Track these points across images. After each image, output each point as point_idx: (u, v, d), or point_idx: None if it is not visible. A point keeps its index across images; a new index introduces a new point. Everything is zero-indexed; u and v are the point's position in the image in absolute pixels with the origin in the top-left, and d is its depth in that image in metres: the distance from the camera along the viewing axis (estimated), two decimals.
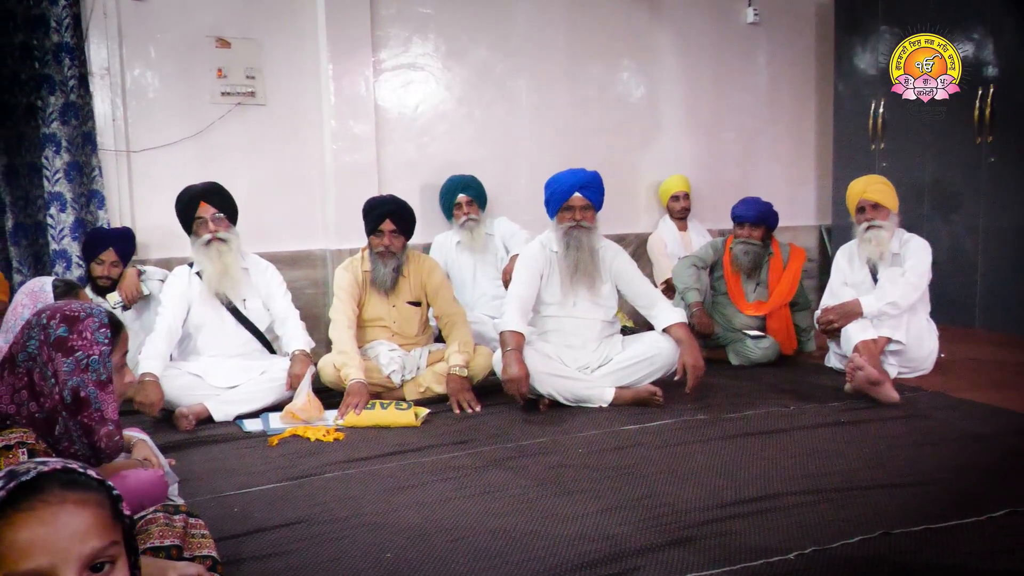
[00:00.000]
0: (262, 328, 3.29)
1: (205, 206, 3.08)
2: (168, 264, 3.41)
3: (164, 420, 2.95)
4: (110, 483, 0.90)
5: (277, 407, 3.05)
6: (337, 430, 2.86)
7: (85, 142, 3.59)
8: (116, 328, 1.50)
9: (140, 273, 3.45)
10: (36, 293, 2.26)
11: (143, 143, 3.74)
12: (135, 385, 2.95)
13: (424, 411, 3.02)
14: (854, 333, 3.22)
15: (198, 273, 3.16)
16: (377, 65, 4.17)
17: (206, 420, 2.99)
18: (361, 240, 3.39)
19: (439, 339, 3.48)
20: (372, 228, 3.26)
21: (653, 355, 3.11)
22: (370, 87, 4.12)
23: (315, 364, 3.18)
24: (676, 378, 3.05)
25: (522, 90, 4.56)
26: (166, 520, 1.75)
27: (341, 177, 4.04)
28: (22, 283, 3.45)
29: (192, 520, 1.83)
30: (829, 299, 3.54)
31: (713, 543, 1.75)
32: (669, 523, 1.88)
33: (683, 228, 4.76)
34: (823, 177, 5.31)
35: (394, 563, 1.77)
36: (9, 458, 1.31)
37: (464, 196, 4.02)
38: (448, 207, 4.08)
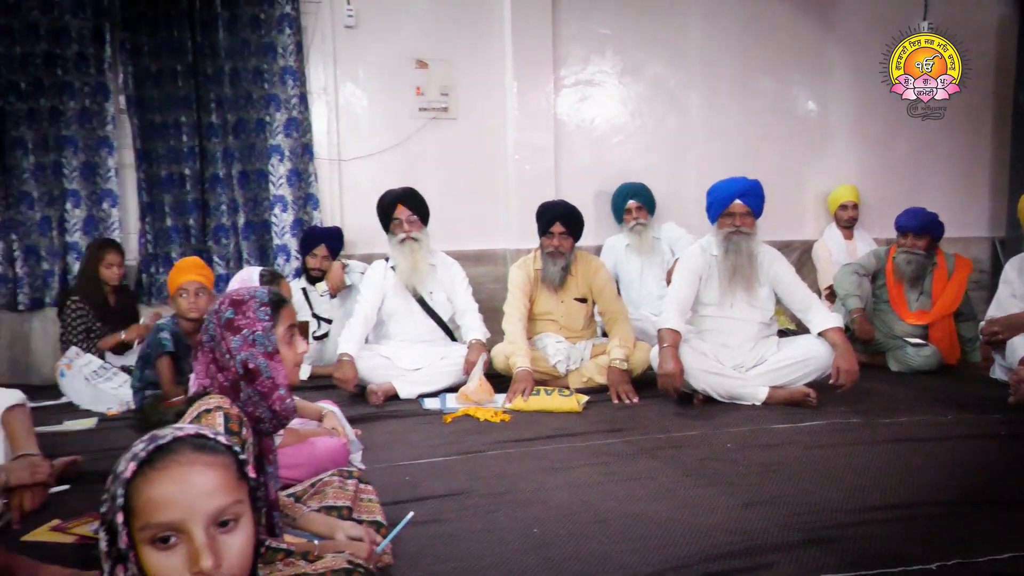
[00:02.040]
0: (445, 318, 3.66)
1: (402, 208, 3.49)
2: (369, 259, 3.88)
3: (358, 395, 3.36)
4: (236, 447, 0.97)
5: (453, 389, 3.37)
6: (504, 412, 3.09)
7: (304, 152, 4.19)
8: (277, 305, 1.64)
9: (344, 267, 3.97)
10: (245, 281, 2.61)
11: (352, 152, 4.29)
12: (335, 364, 3.45)
13: (585, 398, 3.21)
14: (1020, 345, 3.15)
15: (393, 267, 3.58)
16: (558, 82, 4.46)
17: (393, 397, 3.36)
18: (536, 241, 3.64)
19: (603, 334, 3.66)
20: (543, 230, 3.51)
21: (808, 357, 3.13)
22: (550, 102, 4.41)
23: (488, 352, 3.46)
24: (831, 382, 3.03)
25: (693, 103, 4.71)
26: (340, 484, 1.94)
27: (522, 183, 4.36)
28: None
29: (363, 486, 1.99)
30: (995, 311, 3.45)
31: (851, 546, 1.74)
32: (808, 522, 1.89)
33: (849, 236, 4.75)
34: (998, 189, 5.10)
35: (540, 537, 1.88)
36: (208, 418, 1.49)
37: (634, 202, 4.18)
38: (619, 212, 4.26)
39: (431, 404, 3.29)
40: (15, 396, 2.16)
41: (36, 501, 1.99)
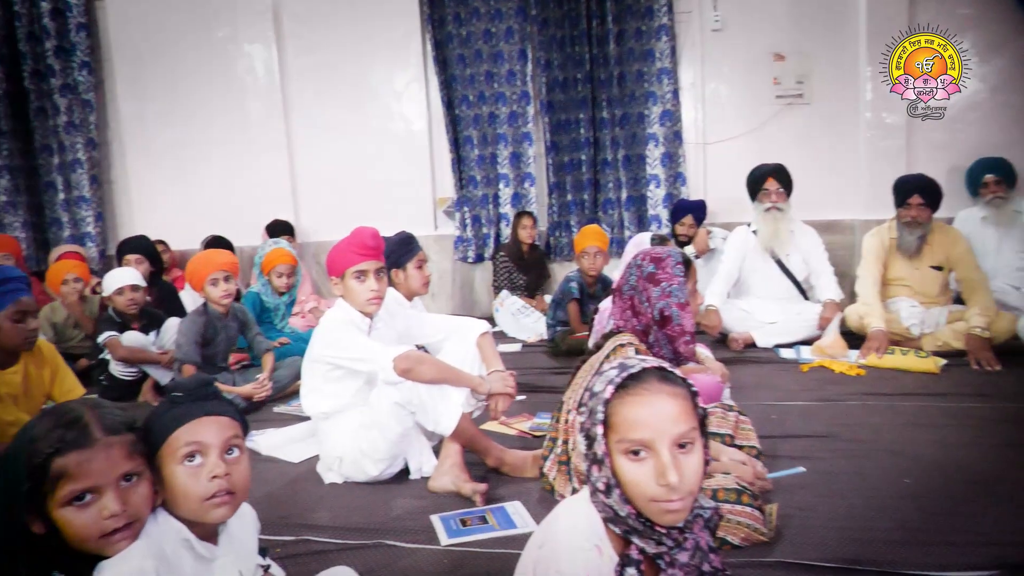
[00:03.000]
0: (799, 279, 4.24)
1: (772, 181, 4.11)
2: (730, 227, 4.59)
3: (720, 341, 4.06)
4: (691, 382, 1.07)
5: (807, 342, 3.91)
6: (859, 367, 3.40)
7: (675, 138, 5.04)
8: (687, 264, 1.89)
9: (708, 233, 4.75)
10: (639, 243, 3.28)
11: (715, 137, 5.04)
12: (701, 312, 4.23)
13: (943, 361, 3.37)
14: None
15: (754, 232, 4.25)
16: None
17: (751, 345, 4.00)
18: (886, 212, 4.02)
19: (957, 301, 3.94)
20: (900, 201, 3.84)
21: None
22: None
23: (842, 311, 3.96)
24: None
25: None
26: (722, 414, 2.17)
27: (872, 160, 4.74)
28: (629, 238, 5.08)
29: (742, 417, 2.20)
30: None
31: None
32: None
33: None
34: None
35: (911, 488, 1.95)
36: (621, 352, 1.73)
37: (992, 176, 4.29)
38: (975, 186, 4.40)
39: (787, 354, 3.82)
40: (484, 325, 2.50)
41: (506, 405, 2.32)
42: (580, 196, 5.24)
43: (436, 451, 2.33)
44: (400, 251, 2.70)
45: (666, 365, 1.09)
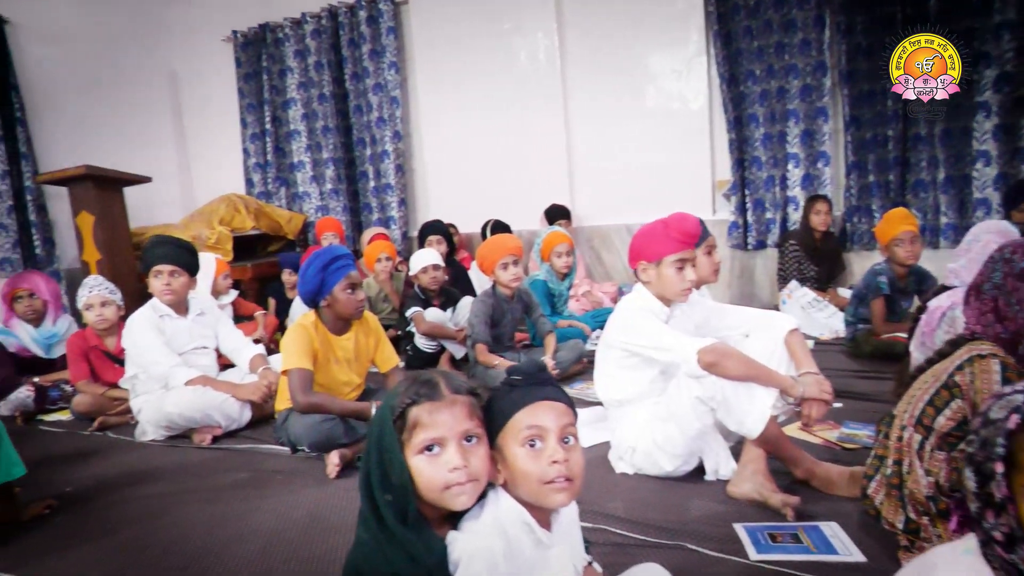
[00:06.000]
0: None
1: None
2: None
3: None
4: None
5: None
6: None
7: (1014, 107, 4.21)
8: None
9: None
10: (1004, 232, 2.64)
11: None
12: None
13: None
14: None
15: None
16: None
17: None
18: None
19: None
20: None
21: None
22: None
23: None
24: None
25: None
26: None
27: None
28: (948, 225, 4.37)
29: None
30: None
31: None
32: None
33: None
34: None
35: None
36: (982, 364, 1.46)
37: None
38: None
39: None
40: (792, 320, 2.21)
41: (821, 412, 2.02)
42: (884, 177, 4.62)
43: (733, 453, 2.19)
44: None
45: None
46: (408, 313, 3.77)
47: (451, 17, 5.75)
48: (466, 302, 3.84)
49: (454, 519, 1.17)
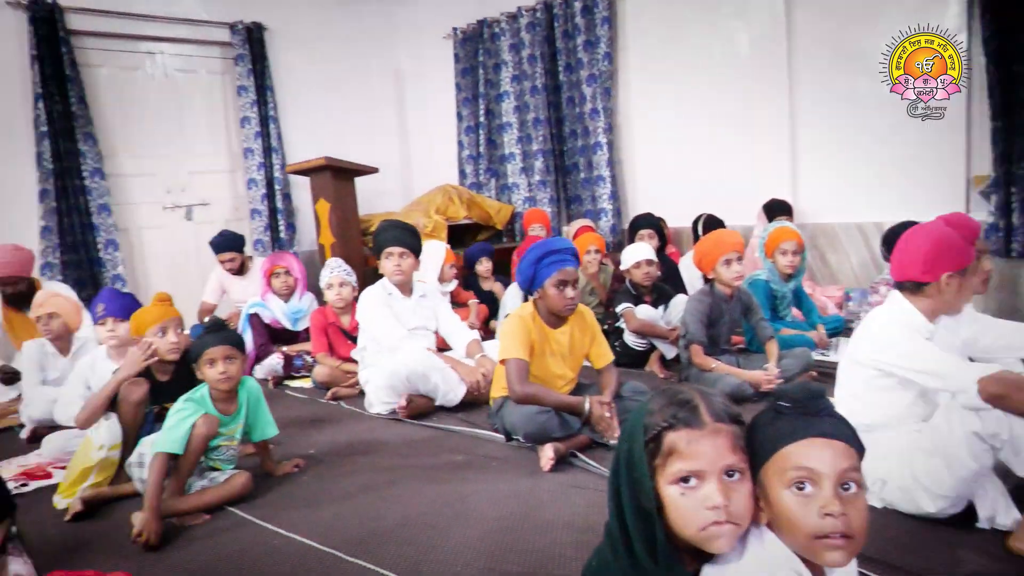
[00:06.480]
0: None
1: None
2: None
3: None
4: None
5: None
6: None
7: None
8: None
9: None
10: None
11: None
12: None
13: None
14: None
15: None
16: None
17: None
18: None
19: None
20: None
21: None
22: None
23: None
24: None
25: None
26: None
27: None
28: None
29: None
30: None
31: None
32: None
33: None
34: None
35: None
36: None
37: None
38: None
39: None
40: None
41: None
42: None
43: (1013, 497, 1.87)
44: None
45: None
46: (618, 309, 3.71)
47: (668, 2, 5.56)
48: (679, 300, 3.69)
49: (706, 553, 1.07)
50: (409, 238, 3.43)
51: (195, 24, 5.88)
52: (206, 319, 4.85)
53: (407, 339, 3.32)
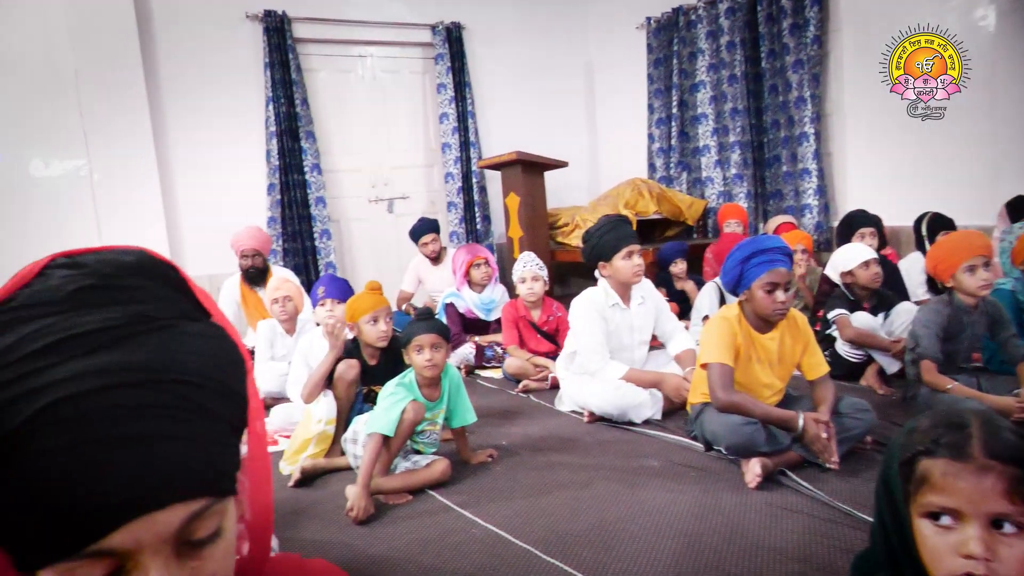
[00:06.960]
0: None
1: None
2: None
3: None
4: None
5: None
6: None
7: None
8: None
9: None
10: None
11: None
12: None
13: None
14: None
15: None
16: None
17: None
18: None
19: None
20: None
21: None
22: None
23: None
24: None
25: None
26: None
27: None
28: None
29: None
30: None
31: None
32: None
33: None
34: None
35: None
36: None
37: None
38: None
39: None
40: None
41: None
42: None
43: None
44: None
45: None
46: (831, 316, 3.38)
47: None
48: (904, 308, 3.29)
49: None
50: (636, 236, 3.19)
51: (400, 27, 6.23)
52: (403, 307, 5.14)
53: (611, 364, 3.14)
